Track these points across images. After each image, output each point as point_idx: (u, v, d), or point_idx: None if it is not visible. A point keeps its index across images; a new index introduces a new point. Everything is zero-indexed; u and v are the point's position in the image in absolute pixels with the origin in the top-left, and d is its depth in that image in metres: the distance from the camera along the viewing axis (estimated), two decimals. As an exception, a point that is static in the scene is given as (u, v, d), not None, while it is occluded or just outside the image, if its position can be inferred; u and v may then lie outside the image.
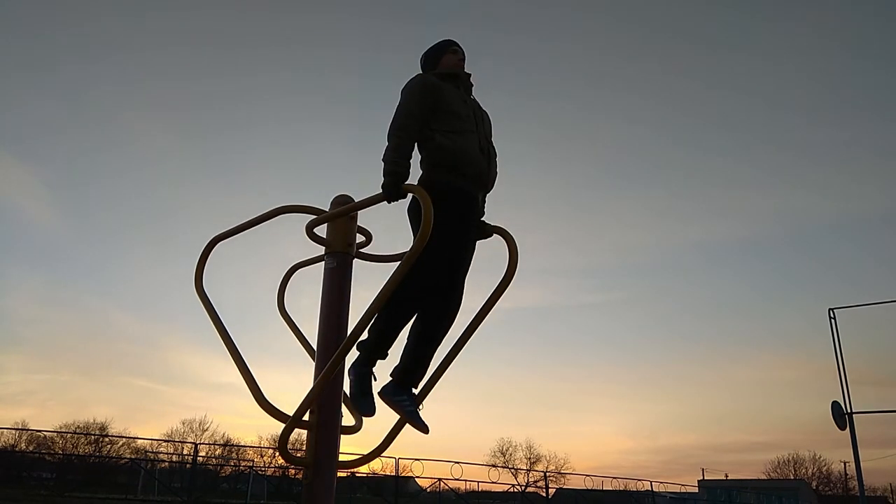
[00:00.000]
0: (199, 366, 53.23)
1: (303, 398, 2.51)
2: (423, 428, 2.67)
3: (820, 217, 61.78)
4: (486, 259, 3.08)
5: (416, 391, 2.76)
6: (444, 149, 2.79)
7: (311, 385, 2.64)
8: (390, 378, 2.74)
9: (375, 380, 2.77)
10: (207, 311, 3.01)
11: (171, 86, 54.02)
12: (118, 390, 47.93)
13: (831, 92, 58.67)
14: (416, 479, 24.76)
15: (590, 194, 61.80)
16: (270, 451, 28.17)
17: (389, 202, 2.68)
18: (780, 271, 65.47)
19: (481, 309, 2.90)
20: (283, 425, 2.54)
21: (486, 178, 2.91)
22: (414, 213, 2.89)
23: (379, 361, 2.81)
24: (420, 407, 2.74)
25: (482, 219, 3.02)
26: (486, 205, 3.07)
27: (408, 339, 2.77)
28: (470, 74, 3.12)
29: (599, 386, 60.78)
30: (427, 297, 2.70)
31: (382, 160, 2.69)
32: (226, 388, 51.36)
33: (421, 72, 3.14)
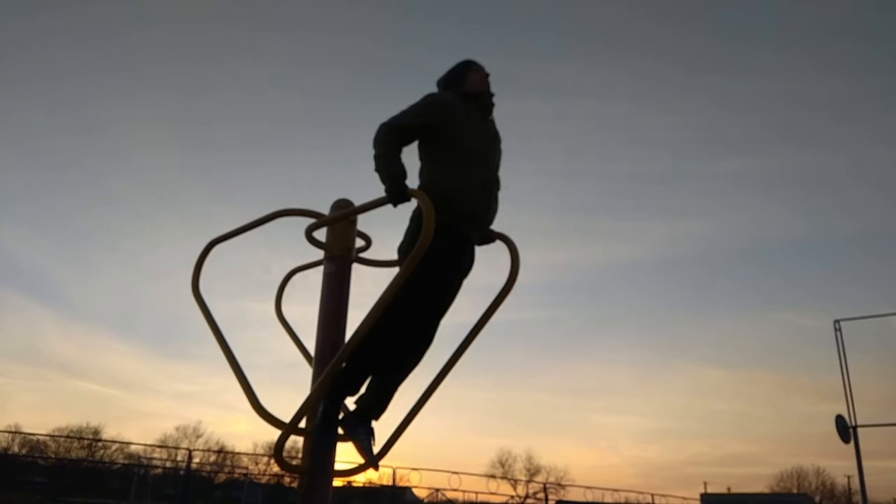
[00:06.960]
0: (166, 374, 52.61)
1: (299, 405, 2.47)
2: (373, 463, 2.57)
3: (831, 228, 61.52)
4: (485, 267, 3.02)
5: (374, 423, 2.67)
6: (437, 185, 2.66)
7: (307, 391, 2.60)
8: (354, 406, 2.68)
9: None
10: (204, 314, 2.96)
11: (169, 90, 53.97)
12: (73, 395, 47.21)
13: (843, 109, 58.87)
14: (413, 489, 24.60)
15: (585, 202, 61.83)
16: (265, 458, 28.03)
17: (395, 206, 2.61)
18: (785, 281, 65.21)
19: (480, 318, 2.84)
20: (279, 432, 2.50)
21: (483, 217, 2.77)
22: (415, 222, 2.76)
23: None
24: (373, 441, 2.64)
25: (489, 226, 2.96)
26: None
27: (373, 373, 2.68)
28: (493, 94, 2.96)
29: (601, 398, 60.63)
30: (401, 335, 2.60)
31: (375, 170, 2.63)
32: (189, 396, 50.77)
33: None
